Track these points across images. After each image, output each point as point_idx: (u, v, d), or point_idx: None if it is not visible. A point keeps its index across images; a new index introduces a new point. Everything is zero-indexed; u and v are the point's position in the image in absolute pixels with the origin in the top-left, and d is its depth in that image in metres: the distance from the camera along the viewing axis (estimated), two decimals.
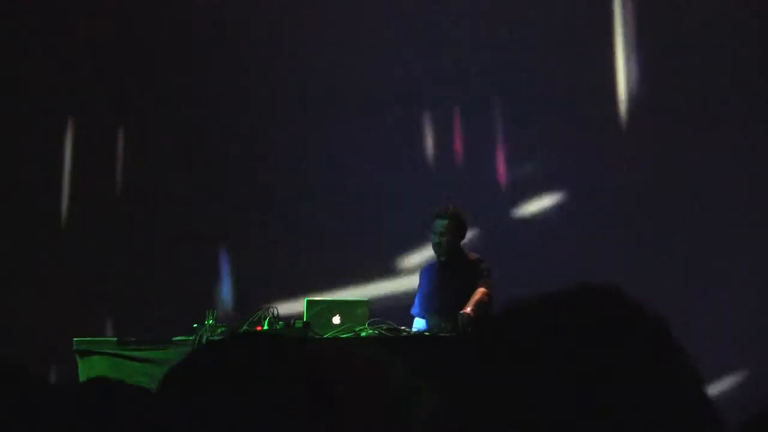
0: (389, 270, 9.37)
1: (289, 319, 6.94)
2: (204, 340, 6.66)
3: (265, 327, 6.81)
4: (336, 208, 9.52)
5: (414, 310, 7.43)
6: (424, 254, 8.38)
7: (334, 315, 6.93)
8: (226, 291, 9.64)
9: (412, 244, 9.12)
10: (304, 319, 6.89)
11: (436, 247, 7.37)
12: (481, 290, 7.10)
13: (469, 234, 7.60)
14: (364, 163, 9.56)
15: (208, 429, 1.45)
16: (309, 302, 7.00)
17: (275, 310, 6.93)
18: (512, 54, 9.50)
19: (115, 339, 7.20)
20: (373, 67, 9.68)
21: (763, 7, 9.25)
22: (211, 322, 6.90)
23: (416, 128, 9.71)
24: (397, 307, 7.75)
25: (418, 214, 8.19)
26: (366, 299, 7.07)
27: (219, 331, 6.79)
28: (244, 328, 6.84)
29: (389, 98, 9.60)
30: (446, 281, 7.32)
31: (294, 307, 7.69)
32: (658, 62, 9.42)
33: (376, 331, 6.85)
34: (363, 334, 6.85)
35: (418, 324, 7.32)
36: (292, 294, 8.50)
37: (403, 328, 7.02)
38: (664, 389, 1.30)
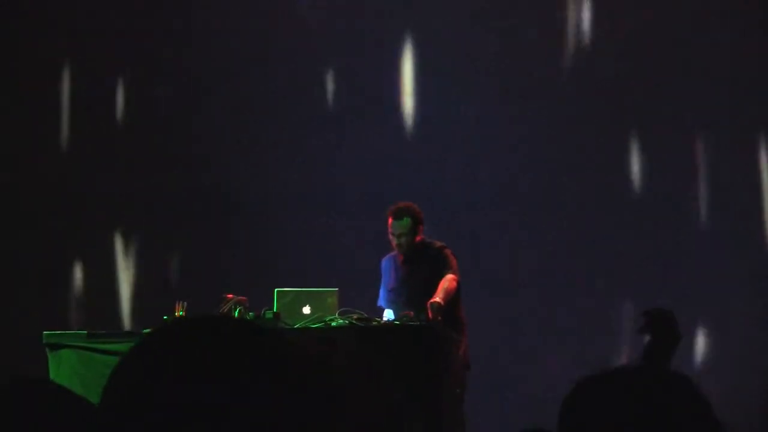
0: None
1: (258, 310, 6.92)
2: None
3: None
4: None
5: (381, 301, 7.42)
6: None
7: (304, 305, 6.93)
8: None
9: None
10: (274, 310, 6.87)
11: (398, 248, 7.34)
12: (448, 277, 7.10)
13: None
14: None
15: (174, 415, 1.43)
16: (279, 293, 6.98)
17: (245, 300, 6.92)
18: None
19: (86, 332, 7.12)
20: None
21: None
22: (181, 313, 6.87)
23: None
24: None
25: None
26: (335, 289, 7.03)
27: None
28: None
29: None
30: (412, 273, 7.32)
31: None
32: None
33: (347, 321, 6.84)
34: (333, 323, 6.84)
35: (388, 315, 7.30)
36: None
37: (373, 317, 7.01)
38: None
